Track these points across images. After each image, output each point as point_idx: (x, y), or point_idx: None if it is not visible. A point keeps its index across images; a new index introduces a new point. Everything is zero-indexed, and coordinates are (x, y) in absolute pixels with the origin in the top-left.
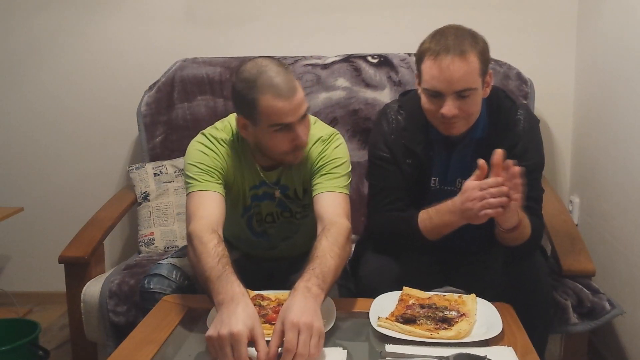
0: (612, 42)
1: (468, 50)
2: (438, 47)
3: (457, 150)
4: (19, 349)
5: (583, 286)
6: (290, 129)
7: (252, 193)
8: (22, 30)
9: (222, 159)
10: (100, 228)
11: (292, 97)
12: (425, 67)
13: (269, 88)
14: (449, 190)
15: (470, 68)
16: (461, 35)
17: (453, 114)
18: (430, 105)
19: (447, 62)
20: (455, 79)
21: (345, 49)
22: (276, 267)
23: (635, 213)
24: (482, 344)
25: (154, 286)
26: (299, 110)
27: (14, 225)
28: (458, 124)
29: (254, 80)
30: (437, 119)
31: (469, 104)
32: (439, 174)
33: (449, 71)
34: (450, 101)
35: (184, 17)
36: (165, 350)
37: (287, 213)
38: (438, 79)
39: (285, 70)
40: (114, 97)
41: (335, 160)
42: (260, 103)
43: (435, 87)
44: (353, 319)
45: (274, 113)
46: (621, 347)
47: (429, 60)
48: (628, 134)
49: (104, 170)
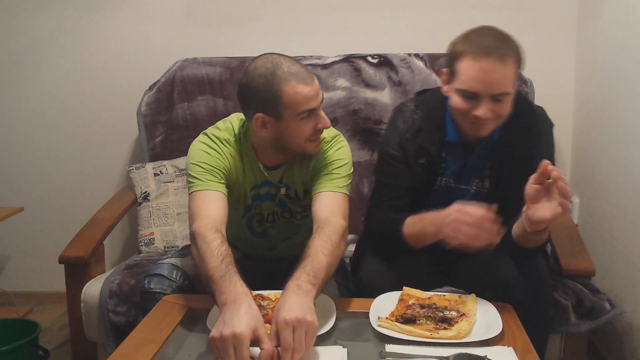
0: (612, 42)
1: (508, 54)
2: (478, 49)
3: (473, 153)
4: (19, 349)
5: (583, 286)
6: (315, 114)
7: (254, 193)
8: (22, 30)
9: (225, 159)
10: (101, 228)
11: (313, 81)
12: (463, 67)
13: (291, 76)
14: (464, 189)
15: (508, 72)
16: (501, 38)
17: (487, 117)
18: (464, 105)
19: (488, 65)
20: (494, 83)
21: (345, 49)
22: (276, 267)
23: (635, 213)
24: (482, 344)
25: (155, 286)
26: (320, 95)
27: (14, 225)
28: (487, 126)
29: (272, 74)
30: (467, 120)
31: (502, 107)
32: (452, 175)
33: (490, 74)
34: (486, 104)
35: (184, 17)
36: (165, 350)
37: (287, 213)
38: (477, 81)
39: (297, 61)
40: (114, 97)
41: (337, 162)
42: (285, 93)
43: (472, 88)
44: (353, 319)
45: (301, 100)
46: (621, 347)
47: (468, 60)
48: (628, 134)
49: (104, 170)
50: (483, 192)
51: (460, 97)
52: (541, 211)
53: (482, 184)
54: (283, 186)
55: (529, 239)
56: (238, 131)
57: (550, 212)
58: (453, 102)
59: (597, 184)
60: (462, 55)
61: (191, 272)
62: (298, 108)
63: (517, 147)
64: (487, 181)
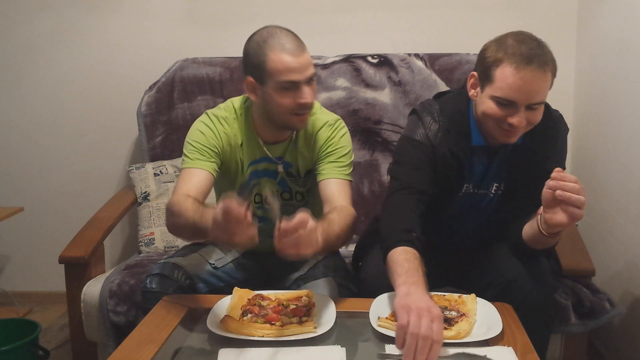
0: (612, 42)
1: (547, 63)
2: (519, 57)
3: (497, 158)
4: (19, 349)
5: (583, 286)
6: (297, 87)
7: (252, 169)
8: (22, 30)
9: (219, 137)
10: (101, 228)
11: (300, 55)
12: (502, 75)
13: (279, 46)
14: (482, 194)
15: (547, 82)
16: (540, 46)
17: (522, 125)
18: (499, 113)
19: (530, 75)
20: (533, 92)
21: (345, 49)
22: (275, 265)
23: (635, 213)
24: (482, 344)
25: (156, 286)
26: (306, 71)
27: (14, 225)
28: (519, 132)
29: (264, 41)
30: (498, 126)
31: (535, 115)
32: (475, 180)
33: (530, 84)
34: (522, 112)
35: (184, 17)
36: (165, 350)
37: (287, 194)
38: (516, 90)
39: (295, 35)
40: (114, 97)
41: (342, 149)
42: (270, 59)
43: (511, 97)
44: (353, 319)
45: (282, 69)
46: (621, 347)
47: (509, 68)
48: (628, 133)
49: (104, 170)
50: (498, 194)
51: (495, 104)
52: (559, 215)
53: (499, 187)
54: (281, 163)
55: (541, 241)
56: (240, 107)
57: (567, 216)
58: (486, 108)
59: (597, 184)
60: (502, 62)
61: (193, 272)
62: (279, 76)
63: (536, 151)
64: (503, 185)
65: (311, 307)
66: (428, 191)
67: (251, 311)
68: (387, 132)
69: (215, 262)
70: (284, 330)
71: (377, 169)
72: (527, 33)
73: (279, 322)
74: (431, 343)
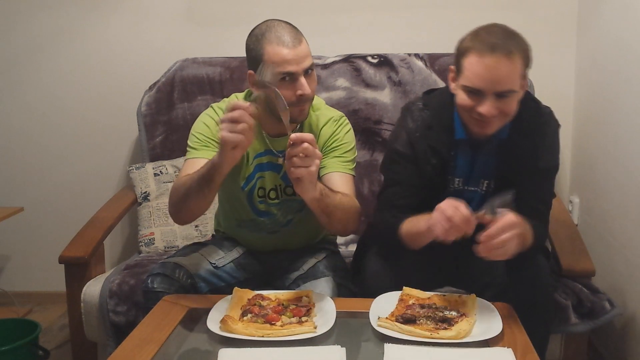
0: (612, 42)
1: (514, 51)
2: (484, 45)
3: (482, 152)
4: (19, 349)
5: (583, 286)
6: (294, 79)
7: (257, 162)
8: (22, 30)
9: None
10: (101, 228)
11: (296, 46)
12: (469, 64)
13: (275, 38)
14: (473, 191)
15: (514, 69)
16: (508, 36)
17: (492, 115)
18: (468, 102)
19: (493, 61)
20: (499, 79)
21: (345, 49)
22: (276, 263)
23: (635, 213)
24: (482, 343)
25: (158, 286)
26: (303, 62)
27: (14, 225)
28: (493, 123)
29: (262, 34)
30: (471, 117)
31: (507, 105)
32: (462, 175)
33: (494, 70)
34: (490, 101)
35: (184, 17)
36: (165, 350)
37: (290, 189)
38: (481, 77)
39: (293, 27)
40: (114, 97)
41: (346, 144)
42: (266, 52)
43: (476, 85)
44: (353, 319)
45: (278, 61)
46: (621, 347)
47: (474, 57)
48: (628, 134)
49: (104, 170)
50: (490, 191)
51: (465, 93)
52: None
53: (490, 183)
54: (282, 156)
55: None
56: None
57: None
58: (458, 99)
59: (597, 184)
60: (468, 51)
61: (194, 271)
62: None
63: (523, 146)
64: (493, 181)
65: (311, 307)
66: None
67: (251, 311)
68: (387, 132)
69: (216, 262)
70: (284, 330)
71: (377, 169)
72: (501, 25)
73: (279, 322)
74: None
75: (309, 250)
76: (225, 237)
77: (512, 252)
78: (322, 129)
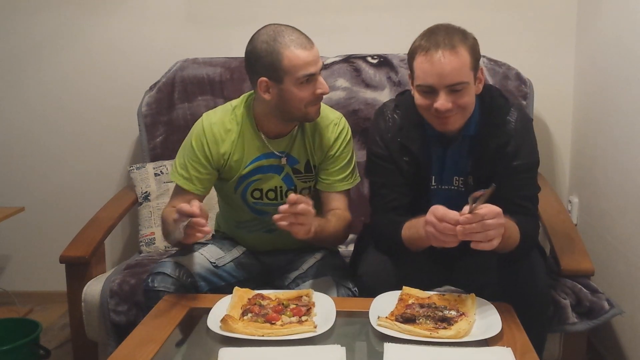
0: (612, 42)
1: (458, 45)
2: (429, 44)
3: (451, 148)
4: (20, 349)
5: (582, 286)
6: (314, 79)
7: (255, 165)
8: (22, 30)
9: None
10: (101, 228)
11: (312, 47)
12: (417, 64)
13: (291, 42)
14: (447, 189)
15: (461, 62)
16: (451, 32)
17: (446, 108)
18: (424, 101)
19: (438, 56)
20: (447, 73)
21: (345, 49)
22: (276, 263)
23: (634, 213)
24: (481, 343)
25: (158, 285)
26: (319, 61)
27: (15, 225)
28: (452, 118)
29: (274, 40)
30: (431, 115)
31: (462, 98)
32: (436, 172)
33: (441, 64)
34: (444, 95)
35: (184, 18)
36: (165, 349)
37: (291, 191)
38: (430, 74)
39: (299, 30)
40: (115, 98)
41: (347, 154)
42: (285, 57)
43: (427, 82)
44: (353, 319)
45: (300, 64)
46: (621, 347)
47: (420, 56)
48: (627, 134)
49: (104, 170)
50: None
51: (419, 93)
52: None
53: (466, 180)
54: (285, 156)
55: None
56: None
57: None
58: (416, 100)
59: (597, 184)
60: (416, 52)
61: (194, 270)
62: (298, 72)
63: (492, 142)
64: (471, 178)
65: (311, 307)
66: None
67: (251, 311)
68: None
69: (216, 261)
70: (284, 330)
71: None
72: (447, 24)
73: (279, 321)
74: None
75: (308, 250)
76: (225, 237)
77: (496, 242)
78: (322, 130)
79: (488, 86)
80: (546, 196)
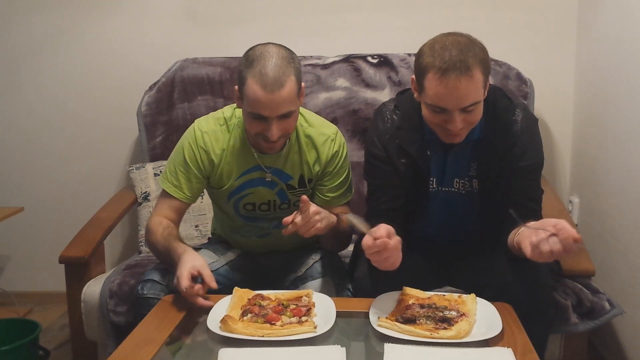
0: (612, 42)
1: (472, 65)
2: (442, 64)
3: (454, 152)
4: (19, 349)
5: (583, 286)
6: (266, 121)
7: (246, 178)
8: (22, 30)
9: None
10: (101, 228)
11: (275, 92)
12: (429, 83)
13: (257, 74)
14: (447, 192)
15: (476, 84)
16: (464, 48)
17: (460, 128)
18: (435, 118)
19: (454, 82)
20: (463, 98)
21: (345, 49)
22: (273, 264)
23: (635, 213)
24: (482, 343)
25: (147, 292)
26: (279, 108)
27: (14, 225)
28: (462, 133)
29: (251, 61)
30: (441, 130)
31: (474, 115)
32: (436, 174)
33: (457, 90)
34: (457, 117)
35: (184, 17)
36: (165, 350)
37: (285, 205)
38: (444, 98)
39: (284, 63)
40: (114, 97)
41: (344, 170)
42: (247, 84)
43: (440, 104)
44: (352, 319)
45: (253, 101)
46: (621, 347)
47: (434, 77)
48: (628, 134)
49: (104, 170)
50: (474, 193)
51: (429, 110)
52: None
53: (470, 184)
54: (270, 171)
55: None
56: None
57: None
58: (425, 114)
59: (597, 184)
60: (427, 70)
61: None
62: (249, 105)
63: (498, 144)
64: (476, 182)
65: (311, 307)
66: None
67: (251, 311)
68: None
69: (210, 265)
70: (284, 330)
71: None
72: (455, 35)
73: (279, 322)
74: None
75: (307, 251)
76: (221, 239)
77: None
78: (319, 147)
79: (492, 87)
80: (547, 196)
